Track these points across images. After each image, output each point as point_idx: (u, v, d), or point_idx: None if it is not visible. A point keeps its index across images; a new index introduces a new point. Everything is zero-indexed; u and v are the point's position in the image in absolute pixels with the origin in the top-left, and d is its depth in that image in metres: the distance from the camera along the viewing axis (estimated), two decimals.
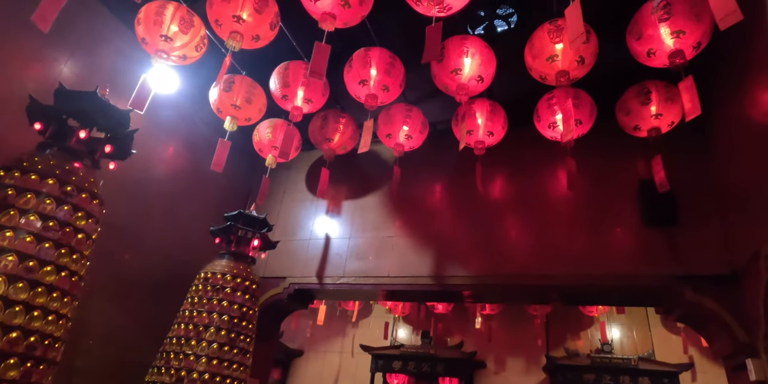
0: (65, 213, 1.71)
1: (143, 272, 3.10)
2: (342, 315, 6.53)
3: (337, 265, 3.54)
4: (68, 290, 1.68)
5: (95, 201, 1.85)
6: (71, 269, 1.69)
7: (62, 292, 1.63)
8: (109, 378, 2.77)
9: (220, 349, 2.52)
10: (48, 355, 1.60)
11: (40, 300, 1.55)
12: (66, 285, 1.65)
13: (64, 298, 1.60)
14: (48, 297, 1.57)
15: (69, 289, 1.68)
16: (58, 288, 1.62)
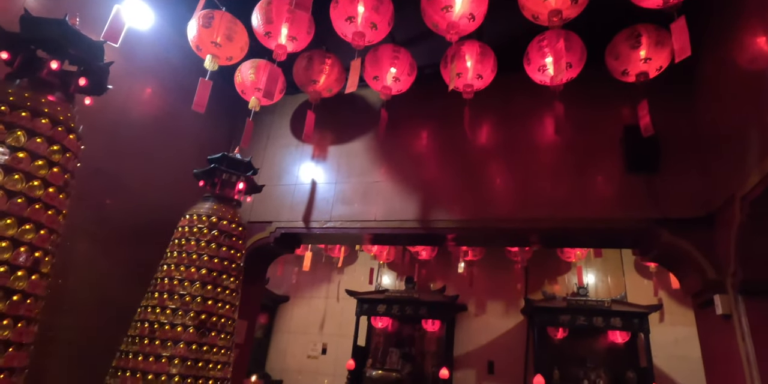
0: (38, 145, 1.65)
1: (126, 216, 3.08)
2: (328, 262, 6.68)
3: (324, 209, 3.56)
4: (45, 223, 1.65)
5: (71, 135, 1.79)
6: (47, 203, 1.66)
7: (37, 225, 1.61)
8: (95, 316, 2.83)
9: (209, 289, 2.56)
10: (35, 290, 1.60)
11: (10, 232, 1.53)
12: (42, 218, 1.63)
13: (39, 230, 1.59)
14: (19, 229, 1.55)
15: (46, 223, 1.65)
16: (31, 220, 1.59)
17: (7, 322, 1.45)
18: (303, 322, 7.05)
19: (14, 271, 1.52)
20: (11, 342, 1.46)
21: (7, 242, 1.53)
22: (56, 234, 1.71)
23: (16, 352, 1.45)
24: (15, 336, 1.46)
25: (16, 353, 1.45)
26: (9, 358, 1.43)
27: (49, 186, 1.68)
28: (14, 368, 1.43)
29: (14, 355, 1.44)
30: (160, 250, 2.75)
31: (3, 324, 1.44)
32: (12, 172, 1.59)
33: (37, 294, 1.58)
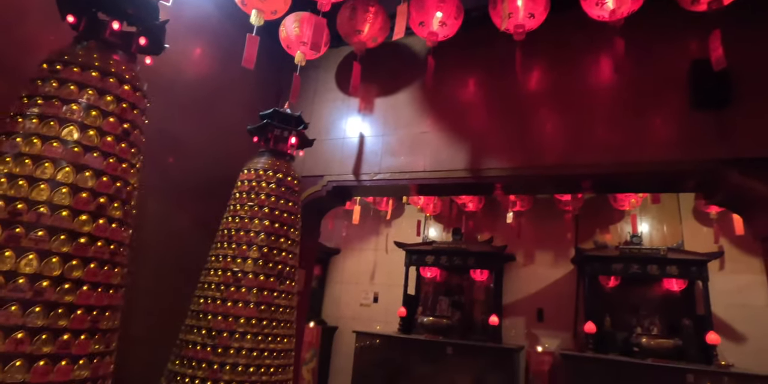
0: (107, 103, 1.75)
1: (188, 173, 3.25)
2: (375, 215, 6.82)
3: (373, 162, 3.60)
4: (120, 175, 1.78)
5: (138, 93, 1.88)
6: (120, 156, 1.77)
7: (110, 176, 1.74)
8: (168, 265, 3.07)
9: (272, 239, 2.71)
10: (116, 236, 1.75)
11: (90, 183, 1.66)
12: (117, 171, 1.75)
13: (102, 177, 1.72)
14: (97, 180, 1.69)
15: (121, 174, 1.78)
16: (106, 172, 1.72)
17: (76, 262, 1.56)
18: (354, 273, 7.36)
19: (77, 215, 1.61)
20: (83, 281, 1.57)
21: (87, 193, 1.65)
22: (124, 182, 1.80)
23: (91, 292, 1.58)
24: (88, 276, 1.57)
25: (91, 292, 1.58)
26: (84, 296, 1.56)
27: (121, 141, 1.79)
28: (93, 306, 1.58)
29: (89, 293, 1.57)
30: (222, 203, 2.91)
31: (72, 264, 1.55)
32: (87, 129, 1.70)
33: (107, 238, 1.67)
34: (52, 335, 1.46)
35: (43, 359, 1.43)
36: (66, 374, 1.46)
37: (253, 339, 2.49)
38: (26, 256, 1.48)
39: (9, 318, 1.40)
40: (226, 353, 2.41)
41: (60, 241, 1.54)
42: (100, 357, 1.62)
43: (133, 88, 1.87)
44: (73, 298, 1.53)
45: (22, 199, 1.54)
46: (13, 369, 1.36)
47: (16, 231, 1.50)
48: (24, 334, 1.40)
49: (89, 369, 1.55)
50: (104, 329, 1.64)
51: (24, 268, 1.46)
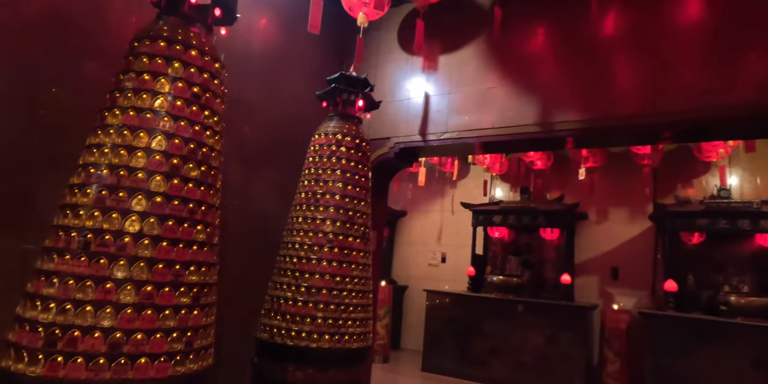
0: (191, 74, 1.86)
1: (262, 140, 3.40)
2: (441, 177, 6.82)
3: (439, 121, 3.58)
4: (205, 141, 1.91)
5: (217, 64, 1.98)
6: (205, 124, 1.90)
7: (199, 144, 1.87)
8: (249, 228, 3.28)
9: (346, 201, 2.82)
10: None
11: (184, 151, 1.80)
12: (202, 138, 1.88)
13: (189, 144, 1.85)
14: (186, 147, 1.82)
15: (205, 141, 1.91)
16: (194, 139, 1.85)
17: (153, 220, 1.68)
18: (421, 234, 7.49)
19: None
20: (162, 237, 1.68)
21: (178, 159, 1.79)
22: (210, 148, 1.92)
23: (170, 247, 1.70)
24: (166, 232, 1.70)
25: (170, 248, 1.70)
26: (164, 251, 1.68)
27: (205, 109, 1.91)
28: (174, 261, 1.70)
29: (168, 249, 1.69)
30: (295, 168, 3.05)
31: (150, 221, 1.67)
32: (176, 99, 1.82)
33: (183, 196, 1.78)
34: (135, 286, 1.58)
35: (129, 308, 1.56)
36: (150, 322, 1.58)
37: (336, 294, 2.65)
38: (110, 214, 1.64)
39: (98, 270, 1.57)
40: (309, 307, 2.60)
41: (137, 200, 1.67)
42: (187, 309, 1.69)
43: (213, 59, 1.97)
44: (152, 252, 1.64)
45: (123, 167, 1.70)
46: (103, 315, 1.53)
47: (120, 195, 1.67)
48: (111, 285, 1.56)
49: (175, 320, 1.65)
50: (188, 283, 1.72)
51: (113, 226, 1.63)
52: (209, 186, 1.89)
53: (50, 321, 1.51)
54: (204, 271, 1.81)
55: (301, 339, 2.52)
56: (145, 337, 1.57)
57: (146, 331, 1.57)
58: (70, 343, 1.49)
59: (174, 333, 1.64)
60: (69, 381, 1.45)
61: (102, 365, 1.49)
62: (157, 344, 1.58)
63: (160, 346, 1.59)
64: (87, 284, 1.55)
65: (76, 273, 1.55)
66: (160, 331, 1.60)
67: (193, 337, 1.71)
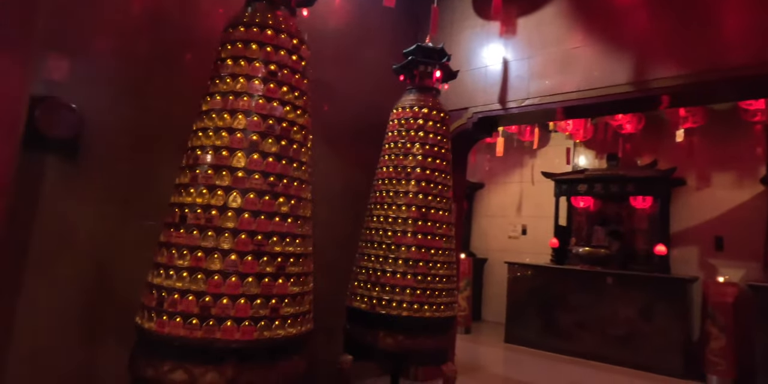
0: (282, 57, 1.95)
1: (342, 119, 3.49)
2: (519, 147, 6.59)
3: (519, 87, 3.44)
4: (295, 121, 1.99)
5: (303, 46, 2.05)
6: (295, 104, 1.99)
7: (291, 122, 1.97)
8: (334, 202, 3.41)
9: (427, 173, 2.83)
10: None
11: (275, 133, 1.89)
12: (293, 117, 1.97)
13: (282, 123, 1.94)
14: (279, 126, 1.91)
15: (297, 121, 1.99)
16: (286, 119, 1.94)
17: (236, 193, 1.79)
18: (500, 206, 7.35)
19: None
20: (243, 209, 1.79)
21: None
22: (300, 127, 2.02)
23: (252, 219, 1.80)
24: (247, 205, 1.80)
25: (252, 219, 1.80)
26: (246, 222, 1.78)
27: (304, 95, 1.99)
28: (255, 232, 1.79)
29: (249, 220, 1.79)
30: (376, 144, 3.10)
31: (234, 195, 1.78)
32: (269, 82, 1.92)
33: (263, 171, 1.87)
34: (221, 255, 1.73)
35: (216, 274, 1.71)
36: (235, 288, 1.71)
37: (423, 265, 2.71)
38: (207, 191, 1.80)
39: (191, 240, 1.75)
40: (398, 278, 2.69)
41: (221, 176, 1.81)
42: (270, 277, 1.79)
43: (300, 41, 2.04)
44: (236, 224, 1.76)
45: (225, 147, 1.84)
46: (195, 279, 1.71)
47: (223, 173, 1.81)
48: (202, 253, 1.73)
49: (259, 287, 1.75)
50: (271, 252, 1.81)
51: (207, 200, 1.78)
52: (291, 160, 1.94)
53: (159, 284, 1.74)
54: (289, 242, 1.88)
55: (392, 308, 2.63)
56: (231, 301, 1.71)
57: (231, 296, 1.71)
58: (171, 304, 1.69)
59: (258, 299, 1.75)
60: (171, 337, 1.67)
61: (195, 325, 1.67)
62: (241, 309, 1.71)
63: (245, 310, 1.72)
64: (183, 253, 1.73)
65: (180, 243, 1.76)
66: (244, 296, 1.72)
67: (278, 304, 1.80)
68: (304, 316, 1.95)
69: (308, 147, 2.08)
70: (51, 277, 2.06)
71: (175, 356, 1.64)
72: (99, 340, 2.21)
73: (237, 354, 1.68)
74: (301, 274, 1.93)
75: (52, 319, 2.07)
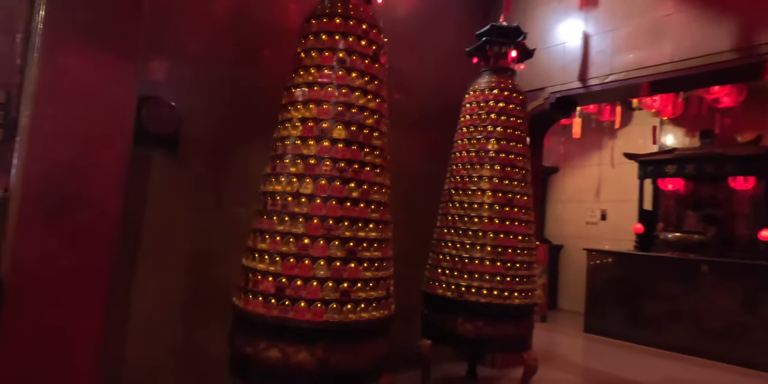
0: (363, 47, 1.98)
1: (413, 105, 3.45)
2: (597, 127, 6.22)
3: (602, 63, 3.22)
4: (377, 109, 2.01)
5: (374, 30, 2.05)
6: (375, 92, 2.02)
7: (372, 111, 1.99)
8: (411, 190, 3.40)
9: (503, 157, 2.75)
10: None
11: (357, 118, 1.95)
12: (374, 106, 1.99)
13: (364, 111, 1.98)
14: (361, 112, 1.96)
15: (377, 108, 2.01)
16: (367, 107, 1.96)
17: (308, 180, 1.85)
18: (576, 190, 7.01)
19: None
20: (314, 195, 1.85)
21: (355, 126, 1.92)
22: (380, 115, 2.04)
23: (322, 204, 1.84)
24: (317, 190, 1.86)
25: (322, 204, 1.84)
26: (316, 207, 1.83)
27: (375, 79, 2.00)
28: (326, 216, 1.83)
29: (320, 206, 1.84)
30: (448, 129, 3.05)
31: (306, 182, 1.85)
32: (351, 71, 1.94)
33: (332, 157, 1.89)
34: (294, 239, 1.81)
35: (291, 257, 1.79)
36: (306, 271, 1.78)
37: (502, 251, 2.66)
38: (285, 178, 1.89)
39: (270, 225, 1.86)
40: (476, 264, 2.65)
41: (295, 164, 1.88)
42: (341, 261, 1.82)
43: (371, 26, 2.04)
44: (308, 209, 1.83)
45: (299, 137, 1.91)
46: (272, 261, 1.82)
47: (297, 162, 1.88)
48: (279, 238, 1.83)
49: (329, 270, 1.80)
50: (341, 237, 1.83)
51: (285, 188, 1.87)
52: (362, 145, 1.94)
53: (249, 266, 1.89)
54: (360, 227, 1.88)
55: (471, 294, 2.60)
56: (303, 283, 1.78)
57: (303, 278, 1.78)
58: (254, 284, 1.83)
59: (328, 282, 1.79)
60: (253, 314, 1.80)
61: (272, 304, 1.78)
62: (312, 291, 1.77)
63: (315, 293, 1.77)
64: (266, 237, 1.86)
65: (263, 228, 1.89)
66: (315, 279, 1.78)
67: (349, 288, 1.82)
68: (386, 300, 1.97)
69: (383, 131, 2.07)
70: (159, 261, 2.26)
71: (270, 335, 1.75)
72: (199, 318, 2.40)
73: (327, 335, 1.74)
74: (375, 259, 1.93)
75: (159, 299, 2.28)
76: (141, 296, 2.22)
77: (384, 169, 2.05)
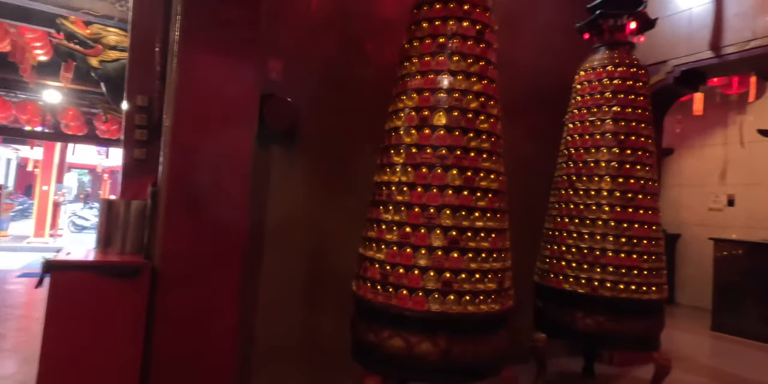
0: (467, 29, 1.92)
1: (518, 89, 3.28)
2: (723, 102, 5.53)
3: (741, 27, 2.82)
4: (485, 91, 1.94)
5: (477, 10, 1.97)
6: (479, 73, 1.94)
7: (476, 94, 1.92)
8: (516, 171, 3.24)
9: (619, 138, 2.52)
10: None
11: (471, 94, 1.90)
12: (482, 88, 1.92)
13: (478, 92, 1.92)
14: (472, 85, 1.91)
15: (486, 91, 1.94)
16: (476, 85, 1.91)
17: (410, 169, 1.85)
18: (695, 173, 6.31)
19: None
20: (415, 184, 1.84)
21: (457, 111, 1.85)
22: (487, 96, 1.96)
23: (423, 192, 1.81)
24: (417, 178, 1.86)
25: (423, 193, 1.81)
26: (417, 195, 1.80)
27: (480, 60, 1.94)
28: (426, 205, 1.80)
29: (420, 194, 1.81)
30: (555, 112, 2.86)
31: (407, 170, 1.85)
32: (452, 55, 1.90)
33: (431, 144, 1.86)
34: (396, 227, 1.83)
35: (393, 245, 1.84)
36: (407, 259, 1.78)
37: (624, 241, 2.45)
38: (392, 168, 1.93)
39: (377, 214, 1.93)
40: (596, 255, 2.47)
41: (399, 154, 1.90)
42: (442, 250, 1.76)
43: (483, 8, 1.96)
44: (409, 198, 1.83)
45: (401, 127, 1.92)
46: (378, 249, 1.88)
47: (401, 151, 1.87)
48: (384, 226, 1.87)
49: (429, 259, 1.76)
50: (442, 226, 1.77)
51: (390, 178, 1.90)
52: (464, 130, 1.86)
53: (363, 254, 1.96)
54: (464, 215, 1.80)
55: (591, 287, 2.43)
56: (405, 271, 1.78)
57: (405, 266, 1.78)
58: (364, 270, 1.90)
59: (430, 272, 1.76)
60: (364, 299, 1.86)
61: (377, 290, 1.83)
62: (413, 279, 1.76)
63: (416, 281, 1.76)
64: (373, 226, 1.93)
65: (371, 218, 1.95)
66: (416, 268, 1.76)
67: (452, 278, 1.76)
68: (500, 294, 1.87)
69: (490, 114, 1.95)
70: (279, 249, 2.39)
71: (393, 324, 1.77)
72: (316, 301, 2.50)
73: (448, 326, 1.73)
74: (482, 250, 1.82)
75: (280, 282, 2.41)
76: (264, 280, 2.36)
77: (493, 154, 1.94)
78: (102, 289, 1.62)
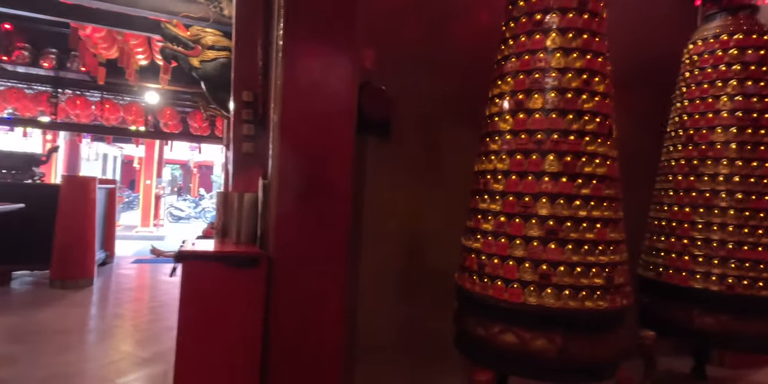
0: (562, 1, 1.81)
1: (618, 66, 3.04)
2: None
3: None
4: (598, 69, 1.83)
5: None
6: (581, 48, 1.82)
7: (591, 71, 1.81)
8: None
9: (750, 115, 2.26)
10: None
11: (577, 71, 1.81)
12: (589, 64, 1.81)
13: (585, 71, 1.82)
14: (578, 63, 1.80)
15: (599, 68, 1.83)
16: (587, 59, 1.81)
17: (505, 156, 1.81)
18: None
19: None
20: (510, 171, 1.79)
21: (554, 92, 1.75)
22: (602, 76, 1.83)
23: (517, 179, 1.76)
24: (512, 166, 1.80)
25: (517, 180, 1.77)
26: (512, 183, 1.77)
27: (582, 33, 1.82)
28: (521, 193, 1.72)
29: (515, 182, 1.76)
30: (658, 89, 2.63)
31: (502, 158, 1.81)
32: (549, 32, 1.81)
33: (527, 129, 1.78)
34: (492, 216, 1.80)
35: (489, 235, 1.80)
36: (503, 249, 1.74)
37: (747, 232, 2.21)
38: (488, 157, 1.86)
39: (476, 204, 1.91)
40: (713, 246, 2.25)
41: (494, 141, 1.85)
42: (539, 241, 1.68)
43: None
44: (503, 186, 1.78)
45: (496, 114, 1.85)
46: (475, 239, 1.86)
47: (496, 138, 1.82)
48: (481, 216, 1.85)
49: (525, 250, 1.69)
50: (539, 215, 1.69)
51: (486, 167, 1.84)
52: (562, 112, 1.73)
53: (462, 244, 1.96)
54: (563, 204, 1.69)
55: (727, 284, 2.21)
56: (500, 262, 1.73)
57: (500, 256, 1.73)
58: (464, 260, 1.90)
59: (525, 263, 1.68)
60: (463, 288, 1.88)
61: (475, 280, 1.81)
62: (509, 270, 1.71)
63: (512, 272, 1.70)
64: (472, 216, 1.92)
65: (471, 207, 1.94)
66: (512, 258, 1.70)
67: (549, 271, 1.66)
68: (612, 290, 1.73)
69: (595, 91, 1.79)
70: (378, 238, 2.39)
71: (503, 318, 1.71)
72: (416, 292, 2.49)
73: (564, 322, 1.65)
74: (586, 242, 1.69)
75: (380, 277, 2.43)
76: (367, 277, 2.38)
77: (599, 136, 1.77)
78: (226, 278, 1.77)
